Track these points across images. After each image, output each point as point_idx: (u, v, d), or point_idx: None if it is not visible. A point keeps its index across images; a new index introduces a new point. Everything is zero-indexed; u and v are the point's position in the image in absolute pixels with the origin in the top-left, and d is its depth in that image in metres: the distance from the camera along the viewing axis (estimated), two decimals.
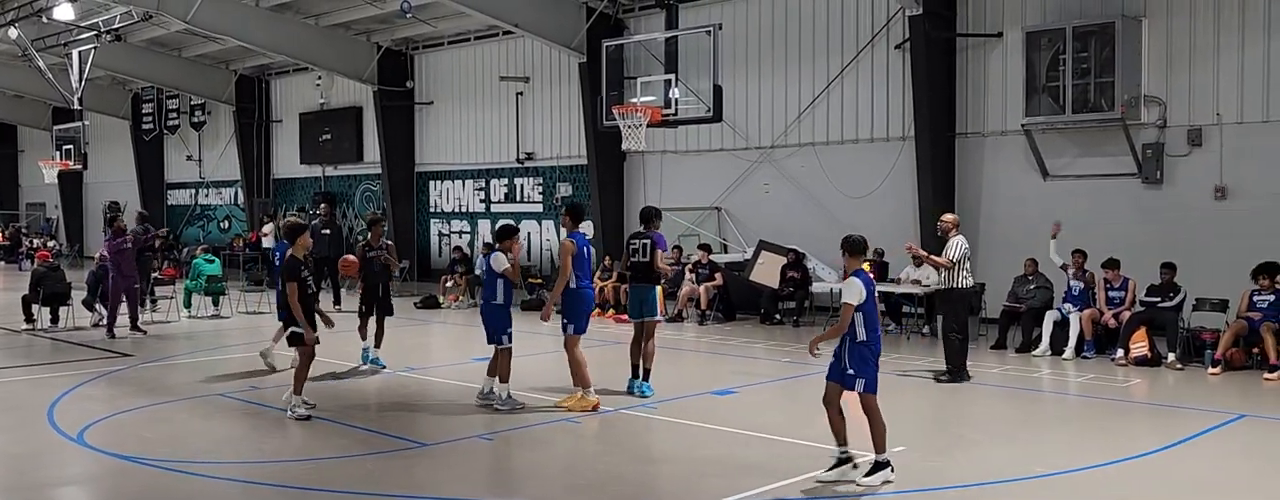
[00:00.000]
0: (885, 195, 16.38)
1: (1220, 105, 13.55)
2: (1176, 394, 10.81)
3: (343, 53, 24.10)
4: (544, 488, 7.37)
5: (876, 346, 7.26)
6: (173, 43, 27.10)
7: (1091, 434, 8.99)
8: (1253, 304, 11.78)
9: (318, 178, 27.88)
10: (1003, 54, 15.33)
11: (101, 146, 33.49)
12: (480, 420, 9.31)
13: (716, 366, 12.40)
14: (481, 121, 23.40)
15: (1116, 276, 12.95)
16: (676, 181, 19.56)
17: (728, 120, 16.81)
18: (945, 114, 15.81)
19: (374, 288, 12.18)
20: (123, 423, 9.26)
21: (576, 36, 19.47)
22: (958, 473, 7.57)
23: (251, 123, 29.12)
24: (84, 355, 13.40)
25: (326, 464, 7.81)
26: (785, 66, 17.80)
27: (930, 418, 9.84)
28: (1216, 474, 7.66)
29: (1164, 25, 13.94)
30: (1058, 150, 14.85)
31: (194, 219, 32.53)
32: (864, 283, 7.12)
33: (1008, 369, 11.84)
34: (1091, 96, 13.90)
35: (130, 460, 7.87)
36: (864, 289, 7.08)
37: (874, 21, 16.62)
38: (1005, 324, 13.66)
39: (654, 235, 10.39)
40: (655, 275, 10.35)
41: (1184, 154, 13.86)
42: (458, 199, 24.30)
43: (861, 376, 7.21)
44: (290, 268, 9.11)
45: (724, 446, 8.48)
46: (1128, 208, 14.29)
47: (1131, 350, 12.16)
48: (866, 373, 7.22)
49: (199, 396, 10.43)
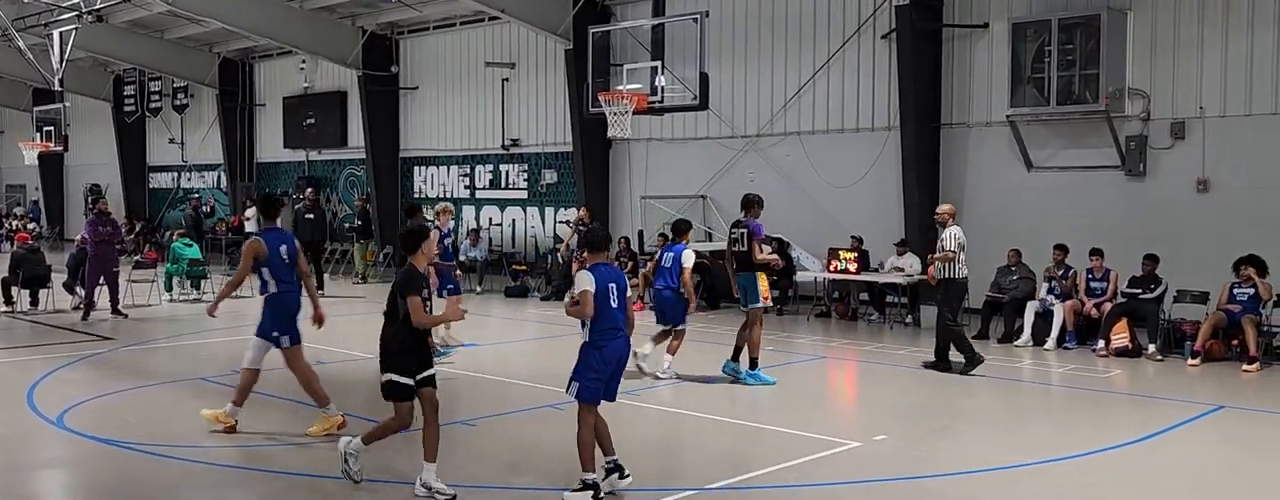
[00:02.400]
0: (870, 185, 16.42)
1: (1203, 98, 13.63)
2: (1156, 385, 10.90)
3: (327, 36, 23.93)
4: (525, 474, 7.37)
5: (608, 351, 6.39)
6: (155, 24, 26.84)
7: (1072, 424, 9.06)
8: (1233, 296, 11.88)
9: (301, 162, 27.73)
10: (988, 45, 15.36)
11: (82, 128, 33.18)
12: (462, 406, 9.30)
13: (702, 354, 12.40)
14: (467, 107, 23.31)
15: (1099, 266, 13.04)
16: (662, 169, 19.54)
17: (714, 108, 16.80)
18: (930, 104, 15.84)
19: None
20: (103, 406, 9.21)
21: (563, 23, 19.39)
22: (940, 461, 7.62)
23: (235, 106, 28.90)
24: (64, 338, 13.31)
25: (307, 448, 7.79)
26: (772, 55, 17.79)
27: (912, 407, 9.89)
28: (1195, 464, 7.73)
29: (1149, 18, 14.00)
30: (1042, 142, 14.91)
31: (176, 203, 32.33)
32: (597, 276, 6.37)
33: (990, 359, 11.90)
34: (1076, 88, 13.95)
35: (111, 443, 7.83)
36: (591, 281, 6.36)
37: (861, 11, 16.62)
38: (988, 314, 13.74)
39: (750, 223, 10.40)
40: (755, 264, 10.34)
41: (1167, 147, 13.93)
42: (442, 185, 24.22)
43: (575, 379, 6.43)
44: (412, 282, 6.50)
45: (709, 434, 8.51)
46: (1110, 200, 14.37)
47: (1113, 341, 12.26)
48: (580, 375, 6.42)
49: (180, 380, 10.38)
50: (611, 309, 6.38)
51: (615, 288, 6.43)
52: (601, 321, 6.37)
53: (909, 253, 15.24)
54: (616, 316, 6.42)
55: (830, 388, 11.32)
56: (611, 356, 6.40)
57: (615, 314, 6.41)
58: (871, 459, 7.64)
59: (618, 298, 6.42)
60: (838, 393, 11.25)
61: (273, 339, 8.13)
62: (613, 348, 6.41)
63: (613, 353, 6.41)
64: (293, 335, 8.20)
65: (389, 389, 6.55)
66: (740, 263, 10.51)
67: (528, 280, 19.57)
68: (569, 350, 11.61)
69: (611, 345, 6.40)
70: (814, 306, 16.15)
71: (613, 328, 6.41)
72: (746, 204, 10.61)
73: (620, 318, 6.46)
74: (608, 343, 6.40)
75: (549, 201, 21.69)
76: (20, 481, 7.16)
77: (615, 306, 6.40)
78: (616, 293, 6.42)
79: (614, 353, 6.41)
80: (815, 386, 11.04)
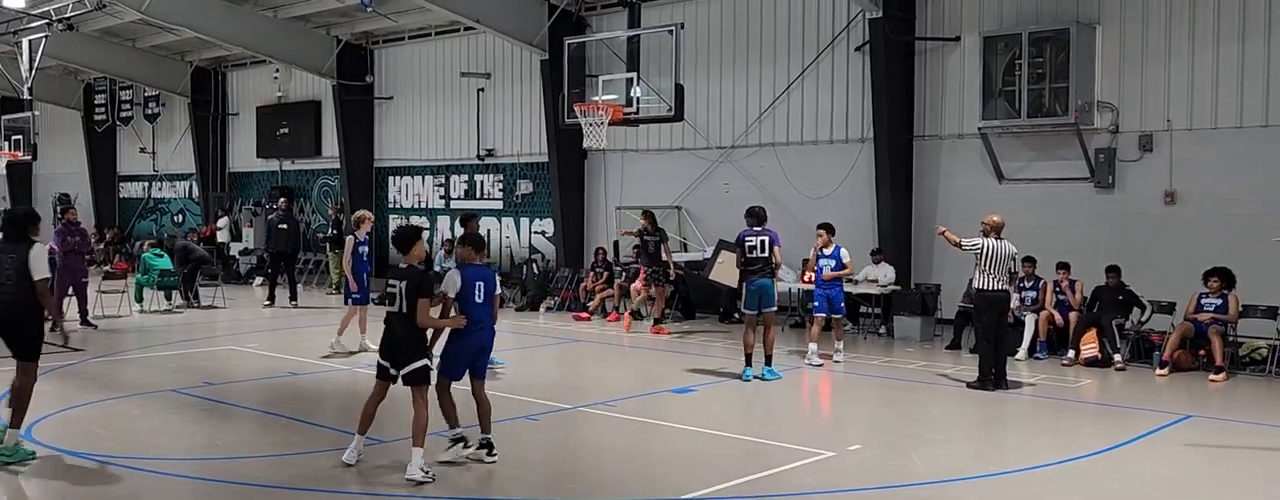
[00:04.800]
0: (844, 196, 16.52)
1: (1171, 112, 13.83)
2: (1125, 395, 11.02)
3: (301, 46, 23.81)
4: (501, 485, 7.36)
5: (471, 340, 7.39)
6: (127, 33, 26.62)
7: (1043, 433, 9.15)
8: (1200, 306, 12.04)
9: (275, 172, 27.53)
10: (960, 58, 15.52)
11: (52, 137, 32.80)
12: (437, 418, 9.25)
13: (675, 365, 12.44)
14: (442, 117, 23.26)
15: (1066, 278, 13.18)
16: (637, 180, 19.59)
17: (689, 119, 16.85)
18: (904, 116, 15.98)
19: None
20: (72, 418, 9.10)
21: (538, 33, 19.42)
22: (915, 471, 7.67)
23: (207, 115, 28.66)
24: None
25: (281, 460, 7.74)
26: (747, 67, 17.89)
27: (885, 417, 9.95)
28: (1164, 472, 7.83)
29: (1117, 32, 14.20)
30: (1013, 154, 15.07)
31: (146, 212, 32.01)
32: (465, 276, 7.36)
33: (962, 369, 12.00)
34: (1046, 101, 14.12)
35: (79, 456, 7.74)
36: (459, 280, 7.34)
37: (835, 23, 16.75)
38: (960, 325, 13.84)
39: (770, 232, 11.31)
40: (772, 270, 11.26)
41: (1135, 159, 14.12)
42: (417, 194, 24.15)
43: (441, 360, 7.42)
44: (422, 283, 7.24)
45: (682, 444, 8.52)
46: (1080, 211, 14.54)
47: (1082, 351, 12.39)
48: (444, 359, 7.43)
49: (151, 392, 10.28)
50: (476, 305, 7.34)
51: (482, 286, 7.40)
52: (466, 315, 7.33)
53: (883, 262, 15.35)
54: (479, 311, 7.37)
55: (804, 398, 11.37)
56: (473, 345, 7.42)
57: (479, 309, 7.37)
58: (846, 469, 7.69)
59: (483, 295, 7.37)
60: (812, 403, 11.30)
61: None
62: (475, 337, 7.40)
63: (474, 341, 7.41)
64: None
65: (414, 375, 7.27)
66: (759, 269, 11.21)
67: (503, 291, 19.51)
68: (547, 362, 11.68)
69: (473, 336, 7.37)
70: (788, 317, 16.22)
71: (476, 321, 7.37)
72: (759, 216, 11.45)
73: (482, 312, 7.39)
74: (470, 334, 7.36)
75: (524, 212, 21.68)
76: None
77: (480, 302, 7.36)
78: (483, 290, 7.38)
79: (476, 341, 7.42)
80: (789, 396, 11.08)
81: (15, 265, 7.53)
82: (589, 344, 14.56)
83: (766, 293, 11.22)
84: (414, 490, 7.02)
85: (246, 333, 15.19)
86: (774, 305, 11.35)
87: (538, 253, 21.14)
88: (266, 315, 17.53)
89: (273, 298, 18.81)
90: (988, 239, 10.92)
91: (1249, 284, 12.02)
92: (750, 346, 11.26)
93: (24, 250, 7.56)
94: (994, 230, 10.97)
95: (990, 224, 11.02)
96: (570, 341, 14.77)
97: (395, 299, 7.22)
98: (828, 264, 12.60)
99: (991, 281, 10.87)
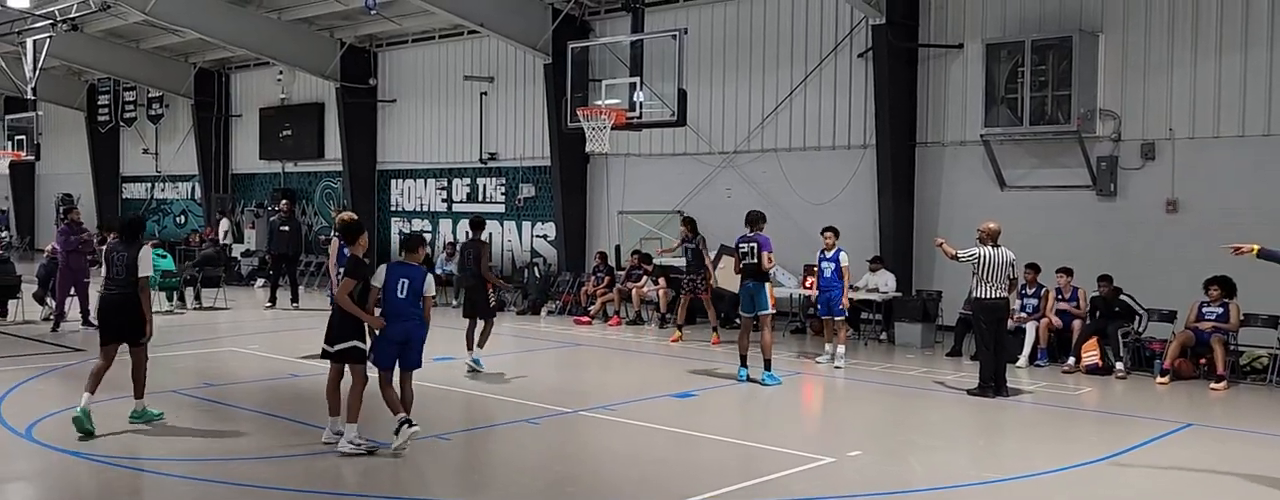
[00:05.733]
0: (845, 202, 16.53)
1: (1173, 120, 13.84)
2: (1126, 403, 11.02)
3: (305, 48, 23.86)
4: (501, 489, 7.36)
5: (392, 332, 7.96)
6: (131, 34, 26.68)
7: (1043, 440, 9.14)
8: (1201, 315, 12.04)
9: (277, 174, 27.57)
10: (963, 65, 15.54)
11: (55, 138, 32.87)
12: (439, 420, 9.28)
13: (677, 369, 12.44)
14: (445, 120, 23.29)
15: (1068, 284, 13.18)
16: (639, 184, 19.60)
17: (691, 124, 16.88)
18: (906, 123, 15.99)
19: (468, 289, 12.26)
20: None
21: (542, 38, 19.44)
22: (915, 478, 7.67)
23: (210, 117, 28.72)
24: (34, 349, 13.16)
25: (282, 462, 7.75)
26: (749, 72, 17.91)
27: (884, 423, 9.95)
28: (1163, 480, 7.82)
29: (1120, 40, 14.22)
30: (1015, 161, 15.08)
31: (149, 213, 32.05)
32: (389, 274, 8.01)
33: (962, 375, 12.00)
34: (1048, 109, 14.12)
35: (80, 456, 7.75)
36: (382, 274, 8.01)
37: (838, 30, 16.77)
38: (961, 331, 13.83)
39: (759, 237, 11.40)
40: (764, 274, 11.38)
41: (1137, 167, 14.13)
42: (419, 198, 24.17)
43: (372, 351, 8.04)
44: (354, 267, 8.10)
45: (682, 449, 8.52)
46: (1081, 219, 14.54)
47: (1083, 359, 12.38)
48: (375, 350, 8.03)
49: (152, 393, 10.27)
50: (398, 299, 7.97)
51: (405, 283, 8.01)
52: (388, 309, 7.98)
53: (883, 269, 15.35)
54: (399, 305, 7.98)
55: (805, 403, 11.38)
56: (397, 336, 7.98)
57: (399, 303, 7.98)
58: (847, 474, 7.68)
59: (405, 291, 7.98)
60: (812, 409, 11.30)
61: None
62: (395, 329, 7.98)
63: (396, 333, 7.98)
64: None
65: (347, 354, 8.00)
66: (749, 273, 11.39)
67: (505, 295, 19.53)
68: (547, 366, 11.67)
69: (393, 327, 7.96)
70: (789, 322, 16.22)
71: (395, 314, 7.98)
72: (753, 220, 11.58)
73: (402, 306, 7.98)
74: (391, 324, 7.97)
75: (526, 215, 21.69)
76: None
77: (403, 297, 7.97)
78: (406, 287, 7.98)
79: (398, 333, 7.98)
80: (790, 402, 11.09)
81: (126, 263, 8.74)
82: (590, 348, 14.57)
83: (756, 296, 11.38)
84: (418, 492, 7.03)
85: (248, 334, 15.20)
86: (767, 309, 11.43)
87: (539, 256, 21.15)
88: (268, 317, 17.54)
89: (274, 299, 18.82)
90: (984, 247, 10.91)
91: (1250, 293, 12.01)
92: (745, 349, 11.53)
93: (134, 251, 8.78)
94: (990, 238, 10.95)
95: (986, 231, 11.00)
96: (571, 345, 14.77)
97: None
98: (828, 266, 12.75)
99: (989, 290, 10.85)
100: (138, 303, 8.73)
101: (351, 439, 7.79)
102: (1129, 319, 12.72)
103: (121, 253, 8.79)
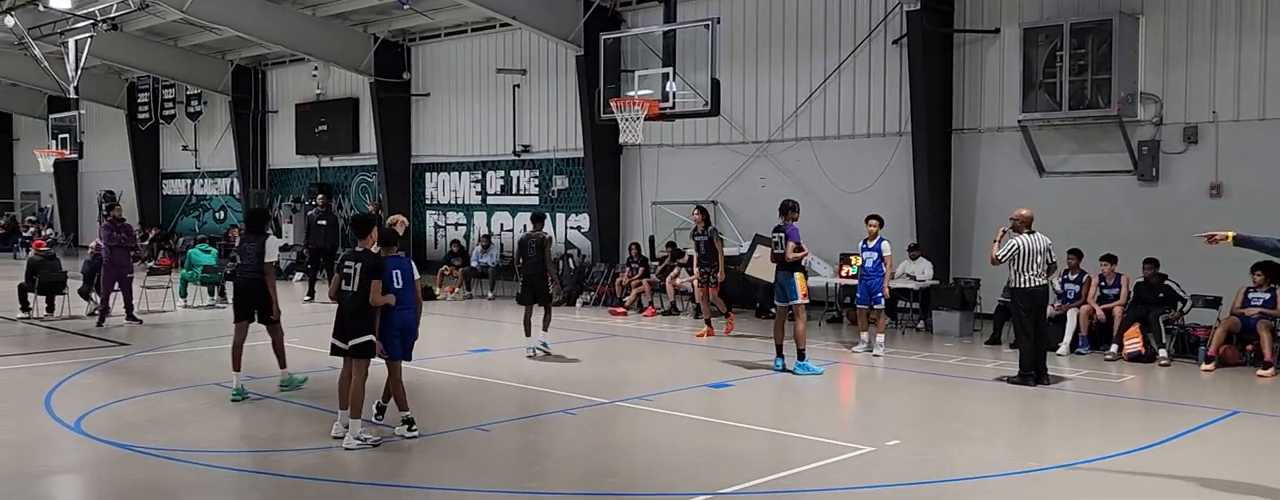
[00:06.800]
0: (881, 190, 16.41)
1: (1216, 103, 13.60)
2: (1170, 390, 10.86)
3: (340, 44, 24.05)
4: (541, 480, 7.40)
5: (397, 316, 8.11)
6: (169, 32, 27.02)
7: (1086, 429, 9.04)
8: (1248, 301, 11.84)
9: (313, 168, 27.85)
10: (1000, 50, 15.35)
11: (97, 135, 33.39)
12: (477, 411, 9.34)
13: (712, 359, 12.43)
14: (478, 113, 23.39)
15: (1111, 272, 13.00)
16: (673, 175, 19.57)
17: (725, 114, 16.82)
18: (942, 109, 15.83)
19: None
20: (120, 411, 9.27)
21: (574, 29, 19.45)
22: (955, 467, 7.61)
23: (247, 113, 29.05)
24: (80, 344, 13.39)
25: (322, 454, 7.83)
26: (783, 61, 17.81)
27: (925, 412, 9.88)
28: (1211, 468, 7.70)
29: (1161, 23, 13.97)
30: (1054, 147, 14.88)
31: (189, 209, 32.49)
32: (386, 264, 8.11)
33: (1002, 364, 11.89)
34: (1088, 93, 13.92)
35: (128, 448, 7.89)
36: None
37: (872, 16, 16.63)
38: (1000, 319, 13.69)
39: (787, 227, 11.36)
40: (793, 264, 11.32)
41: (1180, 151, 13.90)
42: (454, 191, 24.31)
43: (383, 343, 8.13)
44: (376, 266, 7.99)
45: (719, 439, 8.51)
46: (1123, 205, 14.34)
47: (1126, 346, 12.22)
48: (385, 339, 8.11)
49: (196, 386, 10.44)
50: (395, 290, 8.06)
51: (398, 273, 8.14)
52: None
53: (921, 257, 15.22)
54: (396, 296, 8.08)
55: (842, 393, 11.32)
56: (398, 321, 8.14)
57: (395, 294, 8.06)
58: (886, 464, 7.64)
59: (400, 280, 8.11)
60: (850, 398, 11.25)
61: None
62: (398, 315, 8.12)
63: (398, 318, 8.14)
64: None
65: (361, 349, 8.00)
66: (779, 263, 11.41)
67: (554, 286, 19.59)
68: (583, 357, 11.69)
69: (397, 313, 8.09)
70: (825, 312, 16.14)
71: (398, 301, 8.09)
72: (784, 209, 11.52)
73: (397, 296, 8.06)
74: (396, 312, 8.08)
75: (560, 207, 21.74)
76: (40, 485, 7.22)
77: (398, 287, 8.07)
78: (399, 277, 8.11)
79: (398, 322, 8.15)
80: (828, 391, 11.04)
81: (256, 251, 9.62)
82: (625, 338, 14.59)
83: (786, 286, 11.36)
84: (451, 483, 7.08)
85: (287, 327, 15.32)
86: (797, 298, 11.35)
87: (574, 248, 21.20)
88: (306, 310, 17.71)
89: (312, 293, 19.02)
90: (1019, 235, 10.77)
91: None
92: (780, 339, 11.53)
93: (261, 240, 9.66)
94: (1024, 225, 10.80)
95: (1019, 218, 10.85)
96: (607, 336, 14.80)
97: (350, 279, 7.92)
98: (870, 255, 12.72)
99: (1027, 278, 10.72)
100: (264, 287, 9.53)
101: (357, 435, 7.86)
102: (1171, 305, 12.54)
103: (249, 243, 9.70)
